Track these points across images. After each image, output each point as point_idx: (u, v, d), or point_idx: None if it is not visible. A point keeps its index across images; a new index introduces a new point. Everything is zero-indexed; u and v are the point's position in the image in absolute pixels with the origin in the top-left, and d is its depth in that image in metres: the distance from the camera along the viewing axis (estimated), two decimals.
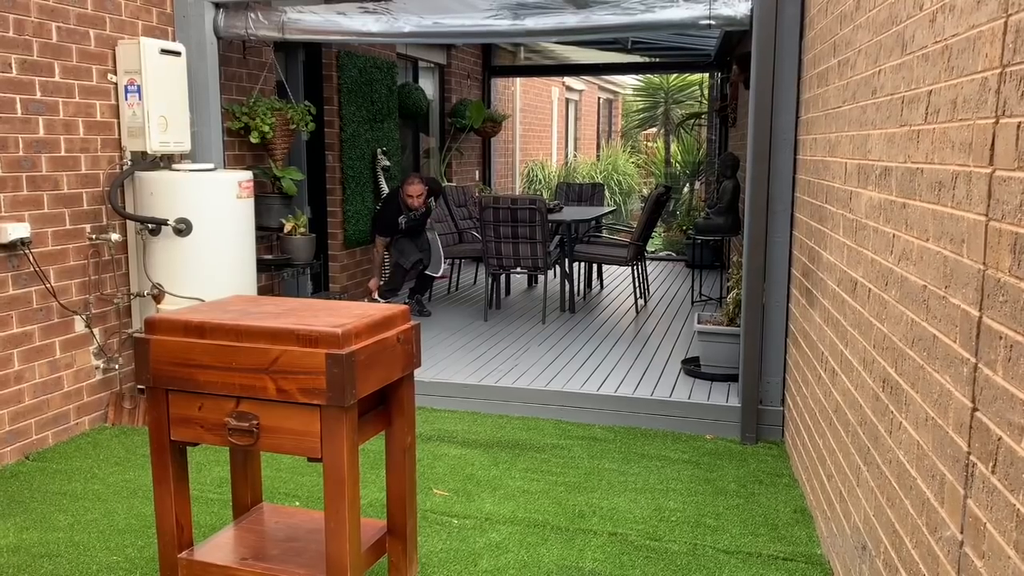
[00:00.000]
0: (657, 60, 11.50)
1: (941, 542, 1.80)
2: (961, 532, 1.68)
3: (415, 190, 6.53)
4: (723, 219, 7.24)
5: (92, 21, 4.39)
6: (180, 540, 2.53)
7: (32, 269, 4.09)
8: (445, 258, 7.66)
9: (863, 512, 2.53)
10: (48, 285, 4.19)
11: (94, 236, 4.45)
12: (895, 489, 2.18)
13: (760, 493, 3.72)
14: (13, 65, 3.96)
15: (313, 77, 6.90)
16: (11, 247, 3.96)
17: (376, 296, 7.07)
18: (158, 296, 4.46)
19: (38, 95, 4.10)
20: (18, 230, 3.95)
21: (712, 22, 4.38)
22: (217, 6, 4.99)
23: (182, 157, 4.84)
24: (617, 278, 9.16)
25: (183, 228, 4.41)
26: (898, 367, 2.20)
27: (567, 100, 17.50)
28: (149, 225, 4.43)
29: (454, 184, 9.35)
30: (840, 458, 2.91)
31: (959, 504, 1.69)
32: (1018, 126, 1.46)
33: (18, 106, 4.00)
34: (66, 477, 3.86)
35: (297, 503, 3.58)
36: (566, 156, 17.35)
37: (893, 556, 2.18)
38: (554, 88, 15.90)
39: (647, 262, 9.47)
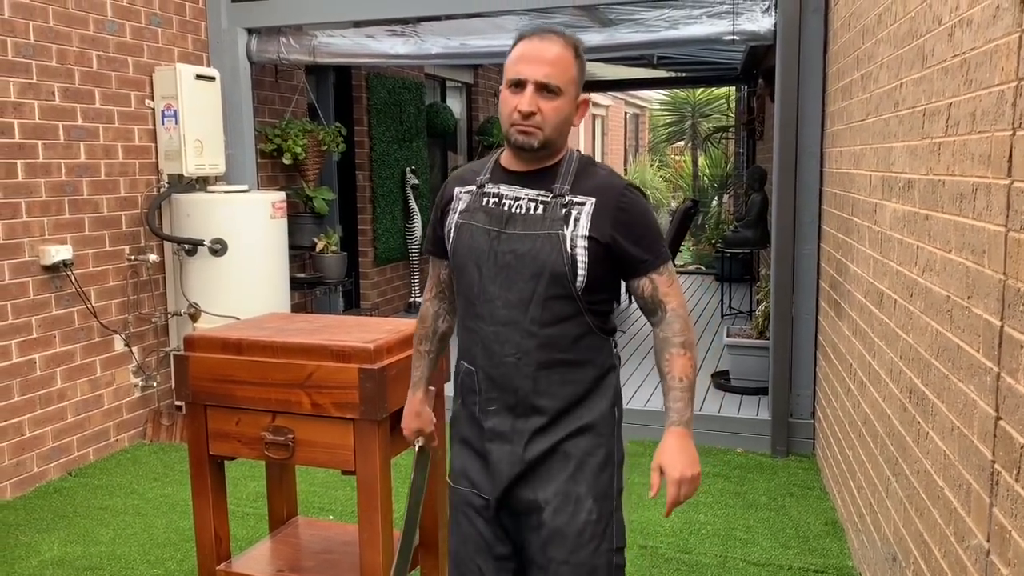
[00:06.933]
0: (683, 75, 11.52)
1: (968, 551, 1.81)
2: (987, 540, 1.69)
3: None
4: (752, 232, 7.23)
5: (131, 49, 4.54)
6: (218, 552, 2.59)
7: (74, 290, 4.21)
8: None
9: (893, 523, 2.54)
10: (89, 305, 4.31)
11: (133, 257, 4.57)
12: (923, 499, 2.19)
13: (791, 506, 3.71)
14: (56, 93, 4.10)
15: (343, 99, 7.03)
16: (54, 269, 4.08)
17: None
18: (195, 315, 4.56)
19: (79, 121, 4.24)
20: (60, 252, 4.08)
21: (736, 37, 4.41)
22: (250, 32, 5.12)
23: (217, 179, 4.96)
24: None
25: (219, 248, 4.52)
26: (924, 378, 2.21)
27: (593, 116, 17.56)
28: (186, 246, 4.54)
29: None
30: (869, 469, 2.91)
31: (985, 513, 1.70)
32: None
33: (61, 132, 4.14)
34: (107, 492, 3.96)
35: (331, 517, 3.64)
36: None
37: (923, 566, 2.18)
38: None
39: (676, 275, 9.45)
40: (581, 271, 1.79)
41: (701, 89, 15.20)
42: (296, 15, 4.97)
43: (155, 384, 4.73)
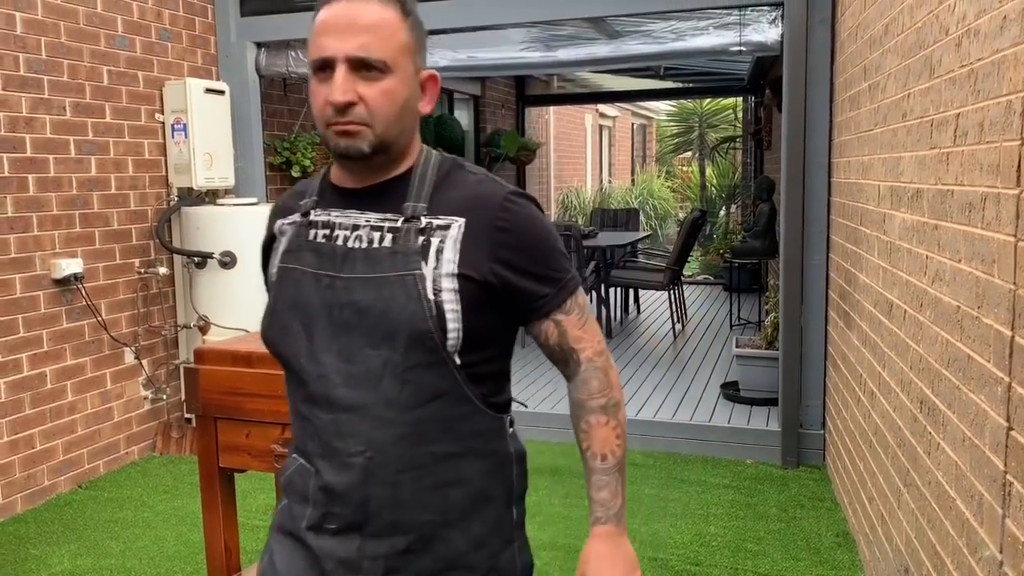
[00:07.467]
0: (690, 86, 11.53)
1: (981, 562, 1.80)
2: (1000, 552, 1.68)
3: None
4: (760, 242, 7.22)
5: (141, 64, 4.57)
6: (228, 565, 2.60)
7: (84, 303, 4.24)
8: None
9: (904, 534, 2.52)
10: (99, 318, 4.33)
11: (143, 270, 4.59)
12: (935, 510, 2.18)
13: (802, 517, 3.69)
14: (67, 108, 4.14)
15: None
16: (65, 282, 4.11)
17: None
18: (204, 327, 4.58)
19: (90, 136, 4.27)
20: (71, 266, 4.10)
21: (743, 48, 4.42)
22: (259, 46, 5.15)
23: (226, 192, 4.98)
24: (654, 303, 9.15)
25: (228, 261, 4.54)
26: (935, 388, 2.20)
27: (601, 127, 17.60)
28: (195, 259, 4.57)
29: None
30: (880, 480, 2.89)
31: (997, 524, 1.69)
32: None
33: (72, 147, 4.17)
34: (117, 505, 3.96)
35: None
36: (601, 182, 17.41)
37: None
38: (587, 115, 16.01)
39: (684, 286, 9.46)
40: (453, 325, 1.22)
41: (708, 99, 15.22)
42: (305, 29, 4.95)
43: (165, 397, 4.75)
